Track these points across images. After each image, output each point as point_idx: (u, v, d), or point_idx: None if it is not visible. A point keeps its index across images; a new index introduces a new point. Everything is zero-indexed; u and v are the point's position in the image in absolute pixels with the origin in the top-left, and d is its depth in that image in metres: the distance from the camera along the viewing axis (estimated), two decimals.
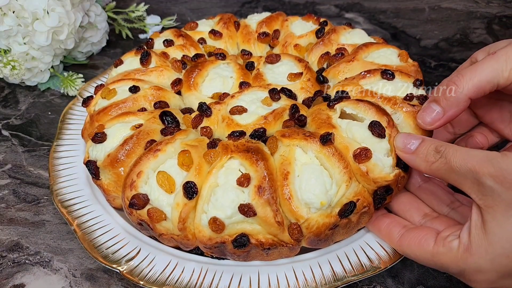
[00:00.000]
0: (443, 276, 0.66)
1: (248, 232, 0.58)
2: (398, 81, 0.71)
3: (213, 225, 0.57)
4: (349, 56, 0.79)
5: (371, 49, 0.80)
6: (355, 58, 0.77)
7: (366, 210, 0.61)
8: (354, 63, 0.77)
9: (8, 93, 1.02)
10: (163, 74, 0.80)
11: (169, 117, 0.69)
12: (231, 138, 0.64)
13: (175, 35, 0.89)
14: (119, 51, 1.16)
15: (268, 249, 0.59)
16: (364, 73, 0.73)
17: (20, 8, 0.90)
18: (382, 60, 0.78)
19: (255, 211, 0.56)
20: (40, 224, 0.75)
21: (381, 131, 0.61)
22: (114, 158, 0.65)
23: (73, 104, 0.90)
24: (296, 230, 0.58)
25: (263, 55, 0.88)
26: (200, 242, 0.60)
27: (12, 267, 0.68)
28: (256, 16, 1.00)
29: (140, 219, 0.61)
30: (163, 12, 1.30)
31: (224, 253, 0.62)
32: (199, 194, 0.58)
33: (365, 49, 0.79)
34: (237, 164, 0.60)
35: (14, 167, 0.85)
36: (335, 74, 0.77)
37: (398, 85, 0.71)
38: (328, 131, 0.61)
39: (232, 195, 0.57)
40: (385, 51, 0.80)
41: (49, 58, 0.98)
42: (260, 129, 0.65)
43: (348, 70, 0.76)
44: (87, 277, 0.67)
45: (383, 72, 0.72)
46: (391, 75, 0.71)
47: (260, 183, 0.57)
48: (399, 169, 0.62)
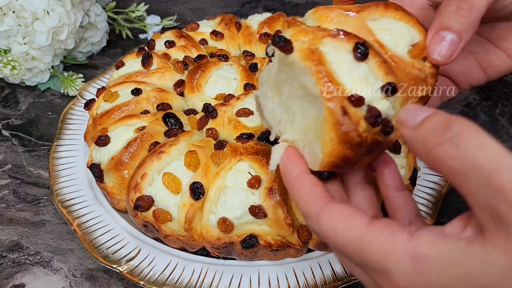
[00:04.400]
0: None
1: (256, 233, 0.59)
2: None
3: (223, 226, 0.57)
4: (356, 6, 0.50)
5: (385, 13, 0.50)
6: (360, 12, 0.49)
7: None
8: (350, 18, 0.48)
9: (8, 93, 1.02)
10: (165, 75, 0.80)
11: (172, 119, 0.69)
12: (240, 140, 0.64)
13: (176, 36, 0.89)
14: (119, 51, 1.16)
15: (276, 250, 0.60)
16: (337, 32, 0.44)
17: (20, 8, 0.90)
18: (388, 36, 0.48)
19: (265, 213, 0.57)
20: (40, 224, 0.75)
21: (397, 147, 0.64)
22: (118, 161, 0.66)
23: (73, 104, 0.90)
24: (306, 232, 0.59)
25: (266, 57, 0.88)
26: (207, 242, 0.60)
27: (12, 267, 0.68)
28: (257, 16, 1.00)
29: (146, 221, 0.61)
30: (163, 12, 1.30)
31: (231, 253, 0.62)
32: (206, 195, 0.59)
33: (376, 10, 0.49)
34: (246, 166, 0.61)
35: (14, 167, 0.85)
36: (321, 16, 0.48)
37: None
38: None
39: (242, 196, 0.58)
40: (402, 25, 0.49)
41: (49, 58, 0.98)
42: (267, 131, 0.65)
43: (339, 22, 0.47)
44: (87, 277, 0.67)
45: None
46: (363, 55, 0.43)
47: (271, 185, 0.58)
48: (408, 181, 0.64)
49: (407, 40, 0.47)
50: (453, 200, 0.77)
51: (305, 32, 0.42)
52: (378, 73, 0.42)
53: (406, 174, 0.65)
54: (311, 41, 0.42)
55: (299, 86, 0.43)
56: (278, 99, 0.47)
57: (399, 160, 0.64)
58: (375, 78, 0.42)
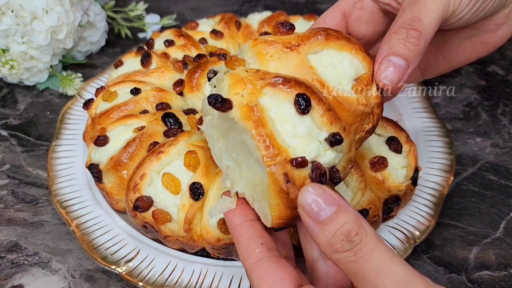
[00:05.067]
0: (444, 277, 0.66)
1: None
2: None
3: (223, 226, 0.57)
4: (294, 39, 0.46)
5: (328, 44, 0.47)
6: (299, 47, 0.45)
7: (376, 220, 0.62)
8: (293, 53, 0.45)
9: (6, 92, 1.01)
10: (164, 75, 0.80)
11: (171, 119, 0.69)
12: None
13: (176, 35, 0.89)
14: (118, 50, 1.15)
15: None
16: (276, 80, 0.42)
17: (19, 7, 0.89)
18: (331, 72, 0.46)
19: None
20: (39, 224, 0.74)
21: (398, 146, 0.63)
22: (117, 161, 0.65)
23: (72, 103, 0.89)
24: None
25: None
26: (207, 243, 0.60)
27: (11, 267, 0.68)
28: (257, 15, 0.99)
29: (145, 222, 0.61)
30: (163, 11, 1.29)
31: (231, 254, 0.61)
32: (206, 195, 0.58)
33: (321, 40, 0.47)
34: None
35: (13, 167, 0.84)
36: (260, 53, 0.45)
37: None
38: None
39: None
40: (345, 57, 0.47)
41: (48, 58, 0.98)
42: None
43: (279, 58, 0.45)
44: (86, 278, 0.66)
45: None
46: (304, 109, 0.41)
47: None
48: (410, 181, 0.64)
49: (350, 74, 0.46)
50: (454, 200, 0.77)
51: (243, 83, 0.41)
52: (322, 124, 0.41)
53: (407, 173, 0.64)
54: (250, 96, 0.40)
55: (242, 142, 0.41)
56: (223, 144, 0.46)
57: (400, 160, 0.64)
58: (319, 129, 0.41)
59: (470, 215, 0.75)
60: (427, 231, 0.67)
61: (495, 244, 0.71)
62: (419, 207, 0.70)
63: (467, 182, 0.80)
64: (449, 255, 0.69)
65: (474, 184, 0.80)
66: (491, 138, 0.89)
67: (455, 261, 0.68)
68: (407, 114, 0.87)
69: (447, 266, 0.68)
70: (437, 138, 0.81)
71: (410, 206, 0.70)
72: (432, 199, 0.71)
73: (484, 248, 0.70)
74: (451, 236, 0.72)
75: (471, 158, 0.85)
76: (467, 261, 0.68)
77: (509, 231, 0.72)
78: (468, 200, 0.77)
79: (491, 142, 0.88)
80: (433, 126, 0.84)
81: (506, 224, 0.73)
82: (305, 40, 0.46)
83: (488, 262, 0.68)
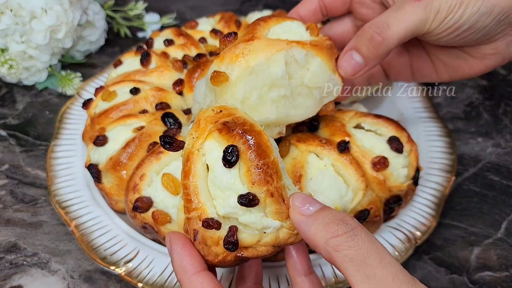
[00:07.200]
0: (446, 278, 0.66)
1: None
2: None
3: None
4: (246, 35, 0.58)
5: (270, 23, 0.60)
6: (255, 36, 0.57)
7: (377, 220, 0.62)
8: (255, 42, 0.56)
9: (5, 92, 1.01)
10: (164, 74, 0.79)
11: (171, 119, 0.68)
12: None
13: (175, 34, 0.88)
14: (118, 49, 1.15)
15: (278, 252, 0.59)
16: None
17: (18, 7, 0.89)
18: (290, 35, 0.60)
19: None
20: (37, 225, 0.74)
21: (399, 146, 0.64)
22: (117, 161, 0.65)
23: (71, 103, 0.89)
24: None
25: None
26: None
27: (10, 268, 0.67)
28: (257, 14, 0.99)
29: (144, 222, 0.61)
30: (162, 10, 1.29)
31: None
32: None
33: (263, 24, 0.60)
34: None
35: (12, 167, 0.84)
36: (232, 58, 0.55)
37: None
38: (344, 139, 0.63)
39: None
40: (289, 24, 0.62)
41: (47, 57, 0.97)
42: None
43: (249, 52, 0.55)
44: (85, 278, 0.66)
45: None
46: (230, 164, 0.45)
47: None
48: (411, 181, 0.64)
49: (302, 29, 0.60)
50: (456, 200, 0.77)
51: (197, 126, 0.45)
52: (244, 180, 0.43)
53: (408, 173, 0.64)
54: (194, 143, 0.44)
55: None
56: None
57: (401, 160, 0.64)
58: (241, 184, 0.43)
59: (471, 216, 0.75)
60: (428, 232, 0.67)
61: (496, 244, 0.70)
62: (420, 207, 0.70)
63: (468, 182, 0.80)
64: (450, 256, 0.69)
65: (475, 184, 0.80)
66: (492, 138, 0.88)
67: (457, 262, 0.68)
68: (408, 114, 0.87)
69: (449, 266, 0.67)
70: (438, 138, 0.81)
71: (411, 206, 0.70)
72: (433, 199, 0.71)
73: (486, 248, 0.70)
74: (453, 236, 0.71)
75: (473, 158, 0.84)
76: (469, 261, 0.68)
77: (510, 231, 0.72)
78: (469, 201, 0.77)
79: (492, 142, 0.88)
80: (434, 126, 0.83)
81: (507, 225, 0.73)
82: (254, 31, 0.56)
83: (490, 263, 0.68)
